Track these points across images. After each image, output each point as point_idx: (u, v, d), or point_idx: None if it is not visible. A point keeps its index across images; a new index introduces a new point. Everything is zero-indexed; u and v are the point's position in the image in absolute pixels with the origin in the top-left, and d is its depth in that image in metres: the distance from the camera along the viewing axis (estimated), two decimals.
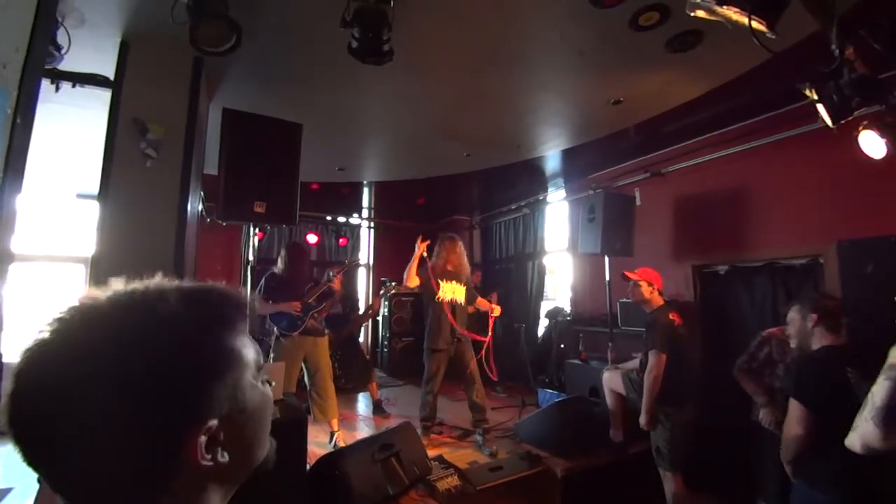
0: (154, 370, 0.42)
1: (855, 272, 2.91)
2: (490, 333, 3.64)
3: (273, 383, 0.55)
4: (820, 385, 1.63)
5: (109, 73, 2.23)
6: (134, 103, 2.19)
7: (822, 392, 1.61)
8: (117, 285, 0.47)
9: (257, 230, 2.94)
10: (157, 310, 0.44)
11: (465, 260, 3.72)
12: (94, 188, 2.18)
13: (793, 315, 1.95)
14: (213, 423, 0.44)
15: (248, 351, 0.50)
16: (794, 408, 1.63)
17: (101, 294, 0.45)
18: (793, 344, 2.02)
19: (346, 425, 3.87)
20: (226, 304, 0.50)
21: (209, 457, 0.44)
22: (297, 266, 3.62)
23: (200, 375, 0.44)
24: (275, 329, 3.45)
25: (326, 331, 3.72)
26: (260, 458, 0.51)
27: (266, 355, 3.37)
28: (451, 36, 2.33)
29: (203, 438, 0.43)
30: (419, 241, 3.46)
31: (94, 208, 2.18)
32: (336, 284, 3.73)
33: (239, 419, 0.47)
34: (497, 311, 3.66)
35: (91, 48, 2.19)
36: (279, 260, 3.67)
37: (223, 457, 0.45)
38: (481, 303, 3.74)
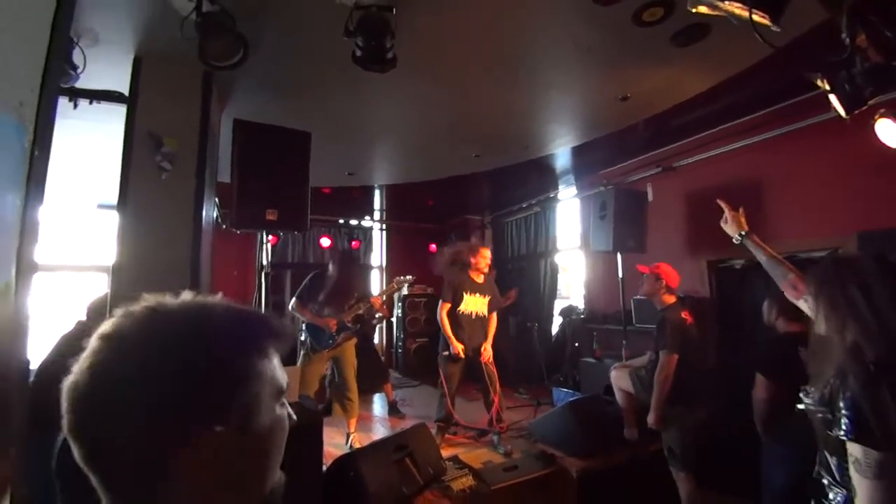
0: (182, 371, 0.46)
1: None
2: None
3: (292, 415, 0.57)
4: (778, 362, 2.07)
5: (124, 88, 2.31)
6: (148, 118, 2.26)
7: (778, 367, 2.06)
8: (185, 295, 0.53)
9: (270, 236, 2.99)
10: (204, 323, 0.51)
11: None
12: (115, 198, 2.25)
13: (763, 310, 2.38)
14: (220, 429, 0.46)
15: (273, 374, 0.53)
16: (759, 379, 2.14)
17: (164, 301, 0.51)
18: None
19: (361, 426, 3.91)
20: (263, 329, 0.55)
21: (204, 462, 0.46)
22: (345, 276, 3.60)
23: (223, 383, 0.48)
24: (303, 335, 3.47)
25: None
26: (258, 489, 0.52)
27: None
28: (457, 37, 2.33)
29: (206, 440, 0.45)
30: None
31: (115, 218, 2.24)
32: (380, 307, 3.66)
33: (244, 439, 0.49)
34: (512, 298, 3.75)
35: (106, 65, 2.26)
36: (330, 264, 3.66)
37: (218, 469, 0.47)
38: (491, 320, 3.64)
